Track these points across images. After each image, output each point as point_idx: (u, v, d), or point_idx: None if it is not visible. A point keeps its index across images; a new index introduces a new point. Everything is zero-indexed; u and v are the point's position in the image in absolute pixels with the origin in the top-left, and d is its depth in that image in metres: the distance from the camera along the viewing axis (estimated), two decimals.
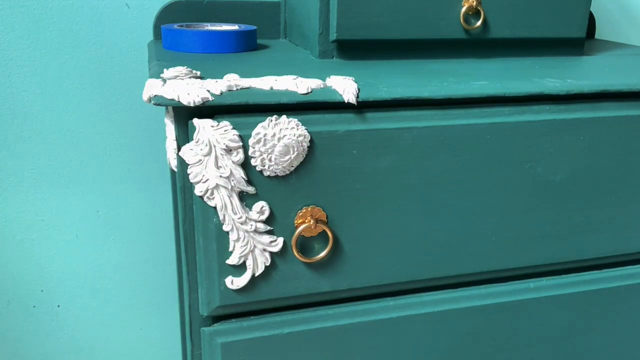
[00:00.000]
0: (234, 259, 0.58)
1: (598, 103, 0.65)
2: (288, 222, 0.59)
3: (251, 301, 0.61)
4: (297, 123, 0.55)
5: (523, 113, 0.62)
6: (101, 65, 0.93)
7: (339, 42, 0.69)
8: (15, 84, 0.91)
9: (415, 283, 0.66)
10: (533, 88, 0.62)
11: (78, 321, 1.09)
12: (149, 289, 1.10)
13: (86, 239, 1.04)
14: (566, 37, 0.77)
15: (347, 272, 0.63)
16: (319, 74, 0.58)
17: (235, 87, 0.54)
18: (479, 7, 0.71)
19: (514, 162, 0.64)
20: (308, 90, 0.55)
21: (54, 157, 0.97)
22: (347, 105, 0.56)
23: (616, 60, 0.80)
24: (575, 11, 0.75)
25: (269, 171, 0.56)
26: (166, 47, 0.77)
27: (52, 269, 1.04)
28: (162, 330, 1.13)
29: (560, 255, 0.70)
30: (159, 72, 0.57)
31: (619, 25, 1.17)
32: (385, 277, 0.65)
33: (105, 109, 0.96)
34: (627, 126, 0.66)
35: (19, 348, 1.08)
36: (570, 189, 0.67)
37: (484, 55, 0.76)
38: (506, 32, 0.74)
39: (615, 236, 0.71)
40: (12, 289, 1.04)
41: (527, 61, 0.75)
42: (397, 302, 0.68)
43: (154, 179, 1.02)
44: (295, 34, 0.84)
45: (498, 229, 0.56)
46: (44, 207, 1.00)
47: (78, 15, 0.90)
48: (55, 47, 0.91)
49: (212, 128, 0.52)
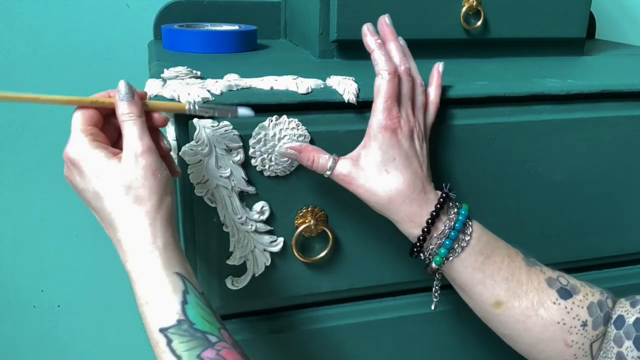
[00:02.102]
0: (234, 259, 0.58)
1: (598, 103, 0.65)
2: (288, 222, 0.59)
3: (251, 301, 0.61)
4: (298, 123, 0.55)
5: (523, 113, 0.62)
6: (101, 65, 0.93)
7: (339, 42, 0.69)
8: (15, 84, 0.91)
9: (415, 283, 0.66)
10: (533, 88, 0.62)
11: (78, 321, 1.09)
12: None
13: (86, 239, 1.04)
14: (566, 37, 0.77)
15: (347, 272, 0.63)
16: (319, 74, 0.58)
17: (235, 87, 0.54)
18: (479, 7, 0.71)
19: (514, 162, 0.64)
20: (308, 90, 0.55)
21: (54, 157, 0.97)
22: (347, 105, 0.56)
23: (616, 60, 0.80)
24: (575, 11, 0.75)
25: (269, 171, 0.56)
26: (166, 47, 0.77)
27: (52, 269, 1.04)
28: None
29: (560, 255, 0.70)
30: (159, 72, 0.57)
31: (619, 25, 1.17)
32: (385, 277, 0.65)
33: None
34: (627, 126, 0.66)
35: (19, 348, 1.08)
36: (570, 189, 0.67)
37: (484, 55, 0.76)
38: (506, 32, 0.74)
39: (615, 236, 0.71)
40: (12, 289, 1.04)
41: (527, 61, 0.75)
42: (397, 302, 0.68)
43: None
44: (295, 34, 0.84)
45: (498, 229, 0.56)
46: (44, 207, 1.00)
47: (78, 15, 0.90)
48: (55, 47, 0.91)
49: (213, 128, 0.52)
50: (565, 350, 0.53)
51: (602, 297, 0.54)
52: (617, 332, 0.52)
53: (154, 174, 0.46)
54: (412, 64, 0.56)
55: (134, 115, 0.47)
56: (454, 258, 0.52)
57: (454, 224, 0.52)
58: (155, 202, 0.45)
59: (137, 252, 0.44)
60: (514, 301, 0.53)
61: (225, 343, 0.43)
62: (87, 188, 0.46)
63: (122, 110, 0.47)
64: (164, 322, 0.43)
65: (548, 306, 0.52)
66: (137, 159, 0.45)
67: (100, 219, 0.47)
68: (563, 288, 0.53)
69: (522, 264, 0.54)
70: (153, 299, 0.44)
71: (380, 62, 0.52)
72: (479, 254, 0.53)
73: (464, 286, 0.54)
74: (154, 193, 0.45)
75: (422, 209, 0.52)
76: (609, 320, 0.53)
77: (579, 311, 0.53)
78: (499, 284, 0.53)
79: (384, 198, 0.52)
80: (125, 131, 0.47)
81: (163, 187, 0.46)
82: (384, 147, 0.51)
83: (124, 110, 0.47)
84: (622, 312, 0.52)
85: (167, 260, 0.45)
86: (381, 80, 0.52)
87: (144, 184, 0.45)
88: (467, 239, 0.52)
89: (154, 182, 0.46)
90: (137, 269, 0.44)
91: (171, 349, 0.42)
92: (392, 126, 0.51)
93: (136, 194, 0.45)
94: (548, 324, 0.52)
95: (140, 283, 0.44)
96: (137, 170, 0.45)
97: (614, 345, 0.52)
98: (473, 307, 0.56)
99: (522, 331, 0.53)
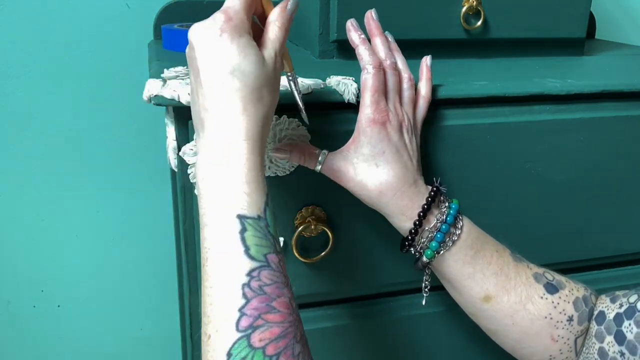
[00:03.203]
0: None
1: (598, 103, 0.65)
2: (288, 222, 0.59)
3: None
4: (298, 123, 0.55)
5: (523, 113, 0.62)
6: (101, 65, 0.93)
7: (339, 42, 0.69)
8: (16, 84, 0.91)
9: (416, 283, 0.66)
10: (533, 88, 0.62)
11: (78, 321, 1.09)
12: (149, 289, 1.10)
13: (86, 239, 1.04)
14: (566, 37, 0.77)
15: (347, 272, 0.63)
16: (319, 74, 0.58)
17: None
18: (479, 7, 0.71)
19: (514, 162, 0.64)
20: (308, 90, 0.55)
21: (54, 157, 0.97)
22: (347, 105, 0.56)
23: (616, 60, 0.80)
24: (575, 11, 0.75)
25: (269, 171, 0.56)
26: (166, 47, 0.77)
27: (52, 269, 1.04)
28: (162, 330, 1.13)
29: (560, 255, 0.70)
30: (159, 72, 0.57)
31: (619, 25, 1.17)
32: (385, 277, 0.65)
33: (106, 109, 0.96)
34: (627, 126, 0.66)
35: (19, 348, 1.08)
36: (570, 189, 0.67)
37: (484, 55, 0.76)
38: (506, 32, 0.74)
39: (615, 236, 0.71)
40: (12, 289, 1.04)
41: (527, 61, 0.75)
42: (397, 302, 0.68)
43: (154, 179, 1.02)
44: (295, 34, 0.84)
45: (498, 229, 0.56)
46: (44, 207, 1.00)
47: (78, 16, 0.90)
48: (55, 47, 0.91)
49: None
50: (551, 345, 0.53)
51: (586, 293, 0.55)
52: (599, 327, 0.52)
53: (278, 81, 0.47)
54: (399, 58, 0.56)
55: (283, 27, 0.47)
56: (444, 252, 0.53)
57: (445, 217, 0.52)
58: (273, 103, 0.47)
59: (243, 142, 0.44)
60: (503, 296, 0.53)
61: (283, 256, 0.44)
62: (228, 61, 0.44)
63: (276, 16, 0.47)
64: (246, 211, 0.42)
65: (536, 301, 0.53)
66: (276, 64, 0.46)
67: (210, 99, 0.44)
68: (549, 283, 0.54)
69: (510, 259, 0.55)
70: (242, 187, 0.43)
71: (365, 56, 0.53)
72: (469, 248, 0.53)
73: (454, 281, 0.54)
74: (275, 97, 0.47)
75: (413, 202, 0.52)
76: (592, 317, 0.53)
77: (566, 306, 0.53)
78: (489, 278, 0.53)
79: (375, 191, 0.52)
80: (271, 34, 0.47)
81: (278, 92, 0.48)
82: (373, 140, 0.51)
83: (277, 16, 0.47)
84: (603, 307, 0.53)
85: (261, 160, 0.45)
86: (367, 74, 0.52)
87: (274, 86, 0.46)
88: (458, 233, 0.53)
89: (277, 87, 0.47)
90: (236, 157, 0.43)
91: (243, 237, 0.41)
92: (381, 119, 0.51)
93: (261, 94, 0.45)
94: (535, 319, 0.53)
95: (234, 170, 0.43)
96: (272, 73, 0.46)
97: (595, 341, 0.52)
98: (462, 303, 0.56)
99: (510, 326, 0.54)
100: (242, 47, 0.44)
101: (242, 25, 0.44)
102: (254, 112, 0.44)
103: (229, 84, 0.44)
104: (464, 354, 0.72)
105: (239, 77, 0.44)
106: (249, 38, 0.45)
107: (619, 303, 0.52)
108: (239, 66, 0.43)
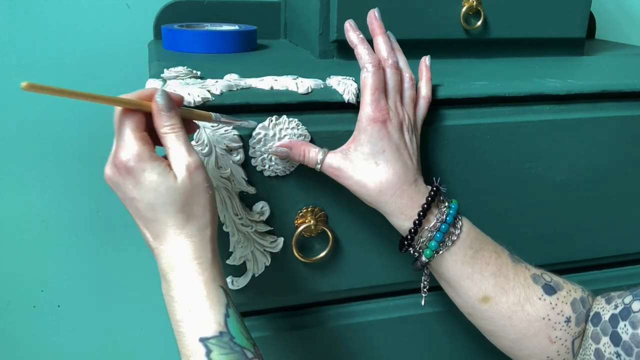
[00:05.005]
0: (234, 259, 0.58)
1: (598, 103, 0.65)
2: (288, 222, 0.59)
3: (251, 301, 0.61)
4: (298, 123, 0.55)
5: (523, 113, 0.62)
6: (101, 65, 0.93)
7: (339, 42, 0.69)
8: (15, 84, 0.91)
9: (415, 283, 0.66)
10: (533, 88, 0.62)
11: (78, 321, 1.09)
12: (149, 288, 1.10)
13: (86, 239, 1.04)
14: (566, 37, 0.77)
15: (347, 272, 0.63)
16: (319, 74, 0.58)
17: (235, 87, 0.54)
18: (479, 7, 0.71)
19: (513, 162, 0.64)
20: (308, 90, 0.55)
21: (54, 157, 0.97)
22: (347, 105, 0.56)
23: (616, 60, 0.80)
24: (575, 11, 0.75)
25: (269, 171, 0.56)
26: (166, 47, 0.77)
27: (52, 269, 1.04)
28: (162, 330, 1.13)
29: (560, 255, 0.70)
30: (159, 72, 0.57)
31: (619, 25, 1.17)
32: (385, 277, 0.65)
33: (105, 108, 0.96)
34: (627, 126, 0.66)
35: (19, 348, 1.08)
36: (570, 189, 0.67)
37: (484, 55, 0.76)
38: (506, 32, 0.74)
39: (615, 236, 0.71)
40: (12, 289, 1.04)
41: (527, 61, 0.75)
42: (397, 302, 0.68)
43: None
44: (296, 34, 0.84)
45: (498, 229, 0.56)
46: (44, 207, 1.00)
47: (78, 15, 0.90)
48: (55, 47, 0.91)
49: (213, 128, 0.52)
50: (548, 346, 0.53)
51: (583, 294, 0.55)
52: (594, 329, 0.52)
53: (206, 190, 0.46)
54: (400, 58, 0.56)
55: (176, 127, 0.45)
56: (444, 252, 0.53)
57: (445, 217, 0.52)
58: (207, 218, 0.46)
59: (185, 264, 0.45)
60: (501, 296, 0.53)
61: (258, 353, 0.45)
62: (141, 199, 0.45)
63: (164, 122, 0.45)
64: (206, 332, 0.44)
65: (534, 302, 0.53)
66: (192, 176, 0.45)
67: (146, 228, 0.46)
68: (547, 284, 0.54)
69: (508, 260, 0.55)
70: (196, 309, 0.44)
71: (364, 55, 0.53)
72: (469, 248, 0.53)
73: (452, 281, 0.54)
74: (207, 210, 0.46)
75: (413, 201, 0.52)
76: (588, 318, 0.53)
77: (563, 307, 0.53)
78: (487, 279, 0.53)
79: (374, 190, 0.52)
80: (169, 144, 0.45)
81: (212, 203, 0.47)
82: (373, 139, 0.51)
83: (165, 122, 0.45)
84: (599, 309, 0.53)
85: (213, 274, 0.46)
86: (366, 73, 0.52)
87: (198, 202, 0.45)
88: (457, 233, 0.53)
89: (206, 199, 0.46)
90: (182, 280, 0.45)
91: (210, 359, 0.43)
92: (381, 118, 0.51)
93: (191, 211, 0.45)
94: (533, 320, 0.53)
95: (184, 293, 0.45)
96: (192, 187, 0.45)
97: (591, 342, 0.52)
98: (459, 303, 0.56)
99: (507, 327, 0.54)
100: (148, 182, 0.44)
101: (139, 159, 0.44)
102: (193, 230, 0.45)
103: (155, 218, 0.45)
104: (462, 354, 0.72)
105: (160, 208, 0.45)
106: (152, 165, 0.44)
107: (614, 304, 0.52)
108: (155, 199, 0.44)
